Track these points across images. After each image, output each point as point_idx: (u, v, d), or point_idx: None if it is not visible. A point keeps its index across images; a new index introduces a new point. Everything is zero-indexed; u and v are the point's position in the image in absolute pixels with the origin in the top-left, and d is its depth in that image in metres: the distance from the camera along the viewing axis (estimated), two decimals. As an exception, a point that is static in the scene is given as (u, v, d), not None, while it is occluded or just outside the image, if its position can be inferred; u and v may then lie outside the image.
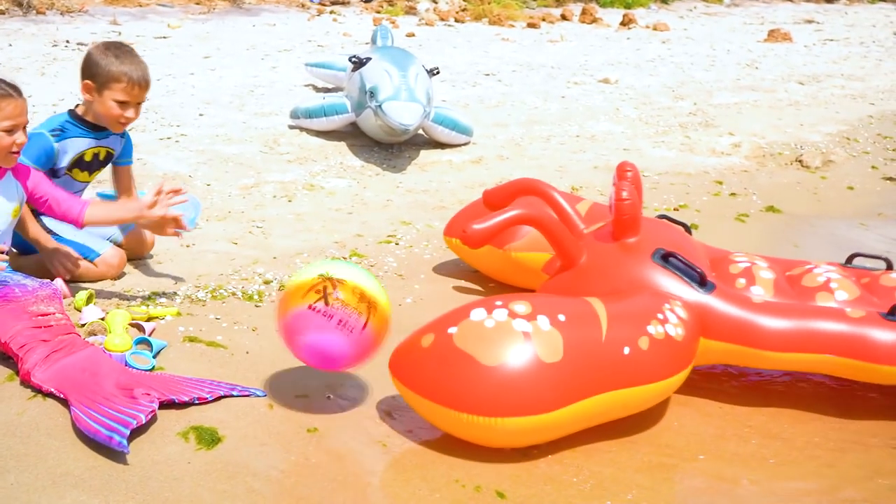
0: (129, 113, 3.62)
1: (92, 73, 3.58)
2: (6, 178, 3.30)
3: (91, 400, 2.76)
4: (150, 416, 2.74)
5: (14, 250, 3.59)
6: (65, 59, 8.71)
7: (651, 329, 2.94)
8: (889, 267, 3.61)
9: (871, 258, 3.63)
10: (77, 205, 3.38)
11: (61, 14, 11.32)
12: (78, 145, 3.69)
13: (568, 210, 3.71)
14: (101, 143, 3.74)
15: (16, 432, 2.69)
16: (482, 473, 2.72)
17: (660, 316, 3.00)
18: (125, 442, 2.59)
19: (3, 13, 10.90)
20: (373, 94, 5.77)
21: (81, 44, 9.70)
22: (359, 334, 2.77)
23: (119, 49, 3.63)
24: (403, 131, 5.69)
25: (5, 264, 3.15)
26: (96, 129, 3.71)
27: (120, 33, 10.50)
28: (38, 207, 3.44)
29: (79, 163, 3.73)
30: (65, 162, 3.68)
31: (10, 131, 3.17)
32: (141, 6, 12.12)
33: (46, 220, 3.67)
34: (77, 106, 3.72)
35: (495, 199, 3.88)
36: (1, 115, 3.14)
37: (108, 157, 3.84)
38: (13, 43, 9.43)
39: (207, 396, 2.92)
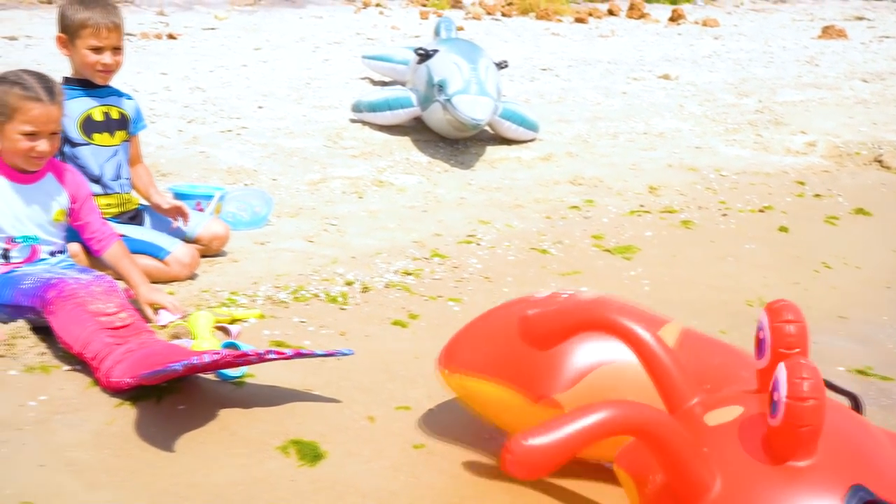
0: (105, 59, 3.51)
1: (63, 25, 3.52)
2: (44, 181, 3.10)
3: (158, 363, 2.60)
4: (213, 360, 2.55)
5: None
6: (115, 49, 8.57)
7: None
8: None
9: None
10: (103, 238, 3.22)
11: (107, 4, 11.19)
12: (79, 106, 3.57)
13: (667, 367, 2.17)
14: (104, 101, 3.64)
15: (107, 444, 2.52)
16: (613, 496, 2.51)
17: None
18: (178, 366, 2.47)
19: (51, 3, 10.80)
20: (441, 87, 5.56)
21: (130, 34, 9.57)
22: None
23: None
24: (474, 126, 5.48)
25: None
26: (91, 87, 3.61)
27: (167, 24, 10.37)
28: (71, 221, 3.25)
29: (91, 125, 3.59)
30: (74, 126, 3.54)
31: (31, 136, 2.95)
32: (188, -3, 11.99)
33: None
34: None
35: (541, 335, 2.40)
36: (23, 116, 2.93)
37: (124, 120, 3.69)
38: (61, 33, 9.31)
39: (287, 352, 2.74)
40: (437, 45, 6.12)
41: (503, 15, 13.64)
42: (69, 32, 3.51)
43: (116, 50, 3.56)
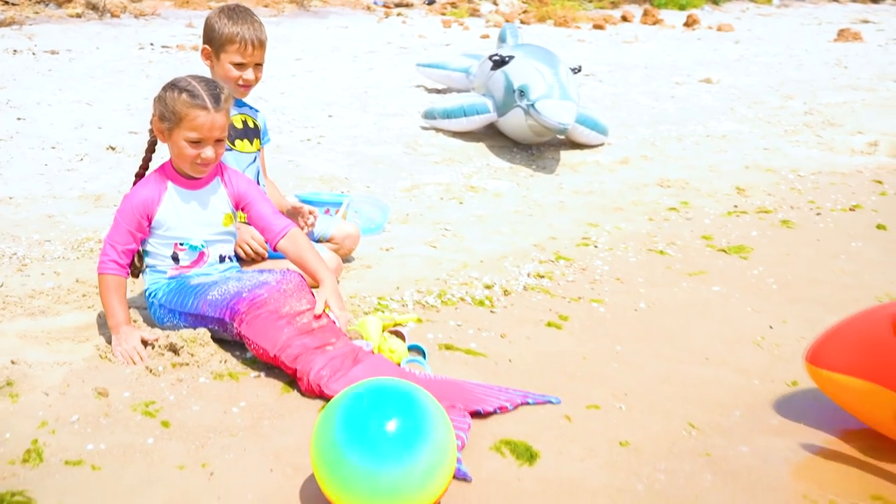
0: (248, 74, 3.49)
1: (209, 37, 3.50)
2: (210, 186, 3.08)
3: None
4: (468, 433, 2.57)
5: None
6: (159, 61, 8.55)
7: None
8: None
9: None
10: (276, 230, 3.11)
11: (135, 17, 11.16)
12: None
13: None
14: (241, 110, 3.64)
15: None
16: None
17: None
18: (464, 469, 2.43)
19: (80, 16, 10.75)
20: (523, 92, 5.59)
21: (166, 46, 9.55)
22: None
23: (233, 11, 3.51)
24: (561, 130, 5.50)
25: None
26: None
27: (199, 35, 10.35)
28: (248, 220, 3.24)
29: (233, 131, 3.58)
30: None
31: (196, 143, 2.93)
32: (211, 9, 11.95)
33: None
34: None
35: None
36: (188, 124, 2.91)
37: (257, 130, 3.70)
38: (99, 46, 9.27)
39: (508, 405, 2.76)
40: (512, 50, 6.15)
41: (522, 22, 13.70)
42: (214, 45, 3.47)
43: (258, 66, 3.55)
